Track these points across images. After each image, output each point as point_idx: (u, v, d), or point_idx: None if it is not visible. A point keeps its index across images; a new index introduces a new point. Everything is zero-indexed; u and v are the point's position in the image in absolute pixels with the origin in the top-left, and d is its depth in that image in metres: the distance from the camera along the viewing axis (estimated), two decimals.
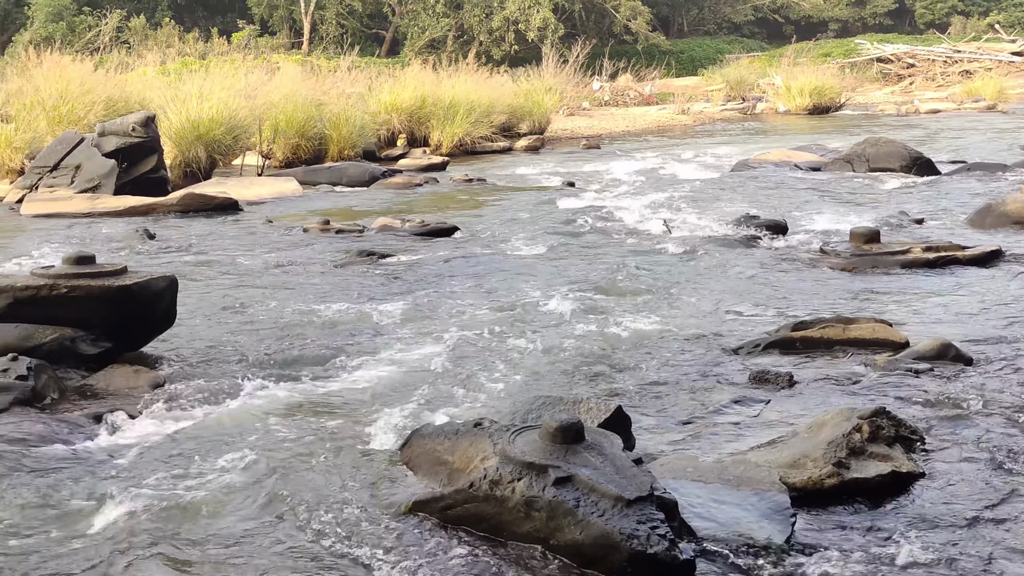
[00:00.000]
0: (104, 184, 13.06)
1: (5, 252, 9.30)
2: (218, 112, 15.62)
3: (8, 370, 4.88)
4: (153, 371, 5.42)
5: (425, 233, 10.19)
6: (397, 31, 43.08)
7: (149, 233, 10.21)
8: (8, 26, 42.85)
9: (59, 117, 16.12)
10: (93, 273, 5.59)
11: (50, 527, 3.43)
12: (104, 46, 33.29)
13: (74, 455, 4.18)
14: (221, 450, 4.17)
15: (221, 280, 8.01)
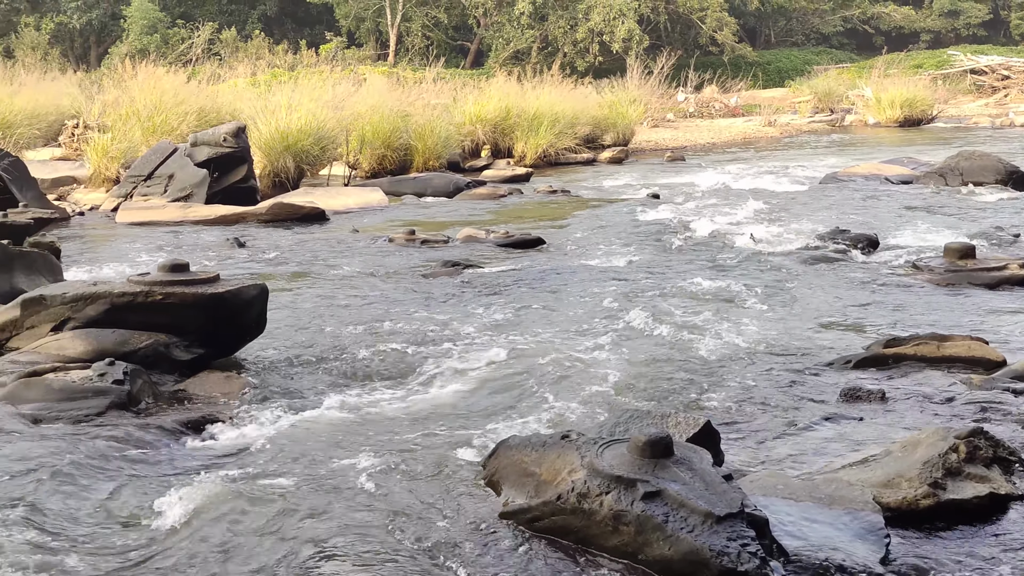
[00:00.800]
0: (196, 193, 13.34)
1: (102, 258, 9.55)
2: (306, 123, 15.85)
3: (105, 374, 4.99)
4: (244, 377, 5.50)
5: (509, 244, 10.21)
6: (482, 42, 43.35)
7: (239, 241, 10.39)
8: (105, 38, 44.09)
9: (153, 127, 16.50)
10: (187, 280, 5.70)
11: (142, 528, 3.50)
12: (196, 58, 34.02)
13: (167, 459, 4.26)
14: (309, 458, 4.22)
15: (309, 289, 8.12)
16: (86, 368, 5.10)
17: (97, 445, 4.28)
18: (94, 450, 4.22)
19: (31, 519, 3.47)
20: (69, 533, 3.42)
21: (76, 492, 3.78)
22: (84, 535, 3.41)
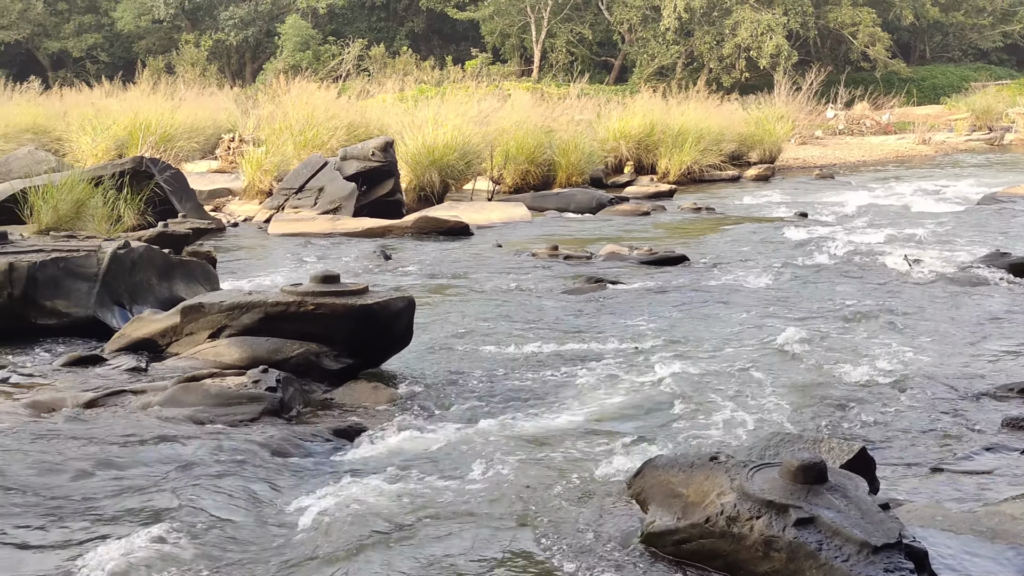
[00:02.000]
0: (344, 206, 13.65)
1: (255, 269, 9.84)
2: (452, 138, 16.07)
3: (259, 381, 5.12)
4: (391, 388, 5.58)
5: (653, 261, 10.13)
6: (626, 58, 43.27)
7: (386, 254, 10.58)
8: (259, 55, 45.62)
9: (305, 141, 16.97)
10: (337, 292, 5.81)
11: (293, 528, 3.57)
12: (346, 74, 34.89)
13: (317, 464, 4.34)
14: (454, 470, 4.25)
15: (453, 302, 8.20)
16: (241, 375, 5.25)
17: (251, 448, 4.40)
18: (248, 453, 4.34)
19: (190, 517, 3.58)
20: (226, 531, 3.52)
21: (231, 492, 3.88)
22: (239, 534, 3.50)
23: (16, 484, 3.88)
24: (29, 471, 4.01)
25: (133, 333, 6.11)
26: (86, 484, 3.92)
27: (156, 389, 5.13)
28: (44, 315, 6.60)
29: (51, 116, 21.32)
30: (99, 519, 3.60)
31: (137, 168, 11.88)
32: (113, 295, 6.91)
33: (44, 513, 3.64)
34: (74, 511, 3.67)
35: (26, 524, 3.55)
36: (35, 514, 3.63)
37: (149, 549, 3.29)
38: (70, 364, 5.74)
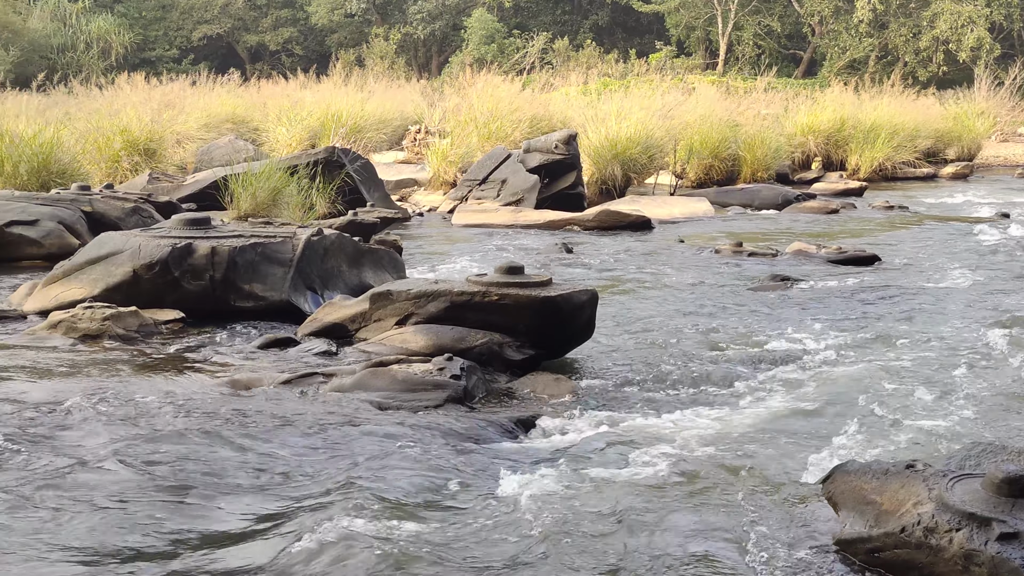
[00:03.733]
0: (526, 198, 13.75)
1: (439, 258, 10.02)
2: (635, 132, 15.97)
3: (444, 369, 5.21)
4: (572, 380, 5.58)
5: (842, 260, 9.82)
6: (816, 51, 42.11)
7: (567, 247, 10.61)
8: (446, 48, 46.47)
9: (489, 133, 17.17)
10: (521, 283, 5.85)
11: (477, 515, 3.61)
12: (530, 67, 35.16)
13: (500, 452, 4.38)
14: (636, 464, 4.21)
15: (634, 296, 8.15)
16: (426, 362, 5.35)
17: (436, 434, 4.48)
18: (433, 439, 4.42)
19: (377, 497, 3.67)
20: (413, 514, 3.59)
21: (418, 475, 3.96)
22: (426, 516, 3.56)
23: (216, 458, 4.05)
24: (227, 447, 4.19)
25: (324, 318, 6.31)
26: (280, 461, 4.06)
27: (346, 373, 5.28)
28: (242, 298, 6.88)
29: (249, 107, 22.27)
30: (293, 496, 3.73)
31: (329, 158, 12.27)
32: (306, 280, 7.14)
33: (243, 487, 3.79)
34: (269, 485, 3.81)
35: (229, 494, 3.71)
36: (236, 487, 3.78)
37: (340, 528, 3.37)
38: (266, 346, 5.98)
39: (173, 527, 3.42)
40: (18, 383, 5.08)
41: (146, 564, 3.15)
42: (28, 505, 3.52)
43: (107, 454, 4.04)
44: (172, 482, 3.79)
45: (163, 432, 4.33)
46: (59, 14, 44.82)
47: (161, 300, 6.74)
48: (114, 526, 3.39)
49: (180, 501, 3.63)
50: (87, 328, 6.15)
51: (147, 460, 3.99)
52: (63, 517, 3.43)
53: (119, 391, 4.93)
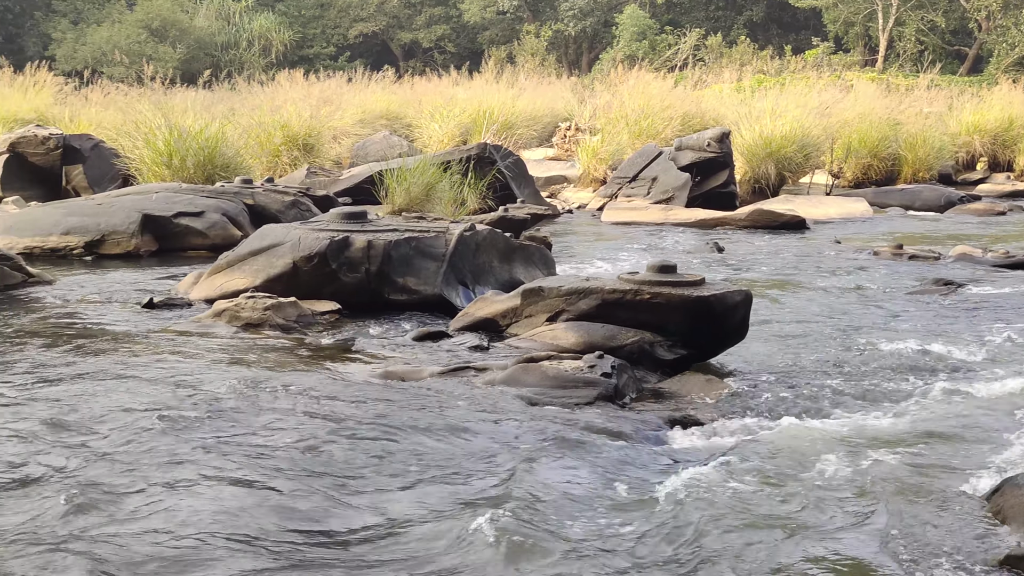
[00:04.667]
0: (677, 196, 13.62)
1: (588, 255, 10.01)
2: (790, 130, 15.64)
3: (595, 366, 5.20)
4: (724, 382, 5.50)
5: (1010, 265, 9.41)
6: (982, 48, 40.46)
7: (719, 246, 10.46)
8: (596, 45, 46.38)
9: (639, 131, 17.08)
10: (674, 282, 5.79)
11: (629, 513, 3.58)
12: (682, 64, 34.80)
13: (650, 452, 4.34)
14: (790, 469, 4.12)
15: (789, 298, 7.98)
16: (577, 359, 5.35)
17: (587, 431, 4.47)
18: (584, 435, 4.41)
19: (529, 491, 3.68)
20: (575, 509, 3.59)
21: (569, 470, 3.96)
22: (576, 513, 3.56)
23: (372, 448, 4.13)
24: (382, 437, 4.27)
25: (476, 312, 6.37)
26: (436, 452, 4.12)
27: (497, 367, 5.32)
28: (396, 291, 7.00)
29: (402, 103, 22.69)
30: (448, 488, 3.77)
31: (481, 154, 12.40)
32: (458, 275, 7.23)
33: (399, 478, 3.86)
34: (425, 477, 3.86)
35: (385, 484, 3.77)
36: (392, 477, 3.85)
37: (499, 522, 3.39)
38: (419, 339, 6.08)
39: (335, 514, 3.50)
40: (185, 367, 5.29)
41: (307, 551, 3.23)
42: (194, 483, 3.65)
43: (266, 439, 4.16)
44: (331, 469, 3.88)
45: (321, 420, 4.45)
46: (223, 13, 46.53)
47: (319, 291, 6.92)
48: (274, 508, 3.49)
49: (340, 488, 3.71)
50: (249, 317, 6.36)
51: (306, 447, 4.10)
52: (225, 496, 3.55)
53: (278, 379, 5.08)
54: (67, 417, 4.41)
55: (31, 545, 3.14)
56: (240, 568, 3.07)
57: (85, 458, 3.91)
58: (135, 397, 4.72)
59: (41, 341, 5.95)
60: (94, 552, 3.11)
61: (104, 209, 9.74)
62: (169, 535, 3.25)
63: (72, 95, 23.63)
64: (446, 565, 3.17)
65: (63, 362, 5.43)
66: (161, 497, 3.53)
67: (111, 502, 3.48)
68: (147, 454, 3.96)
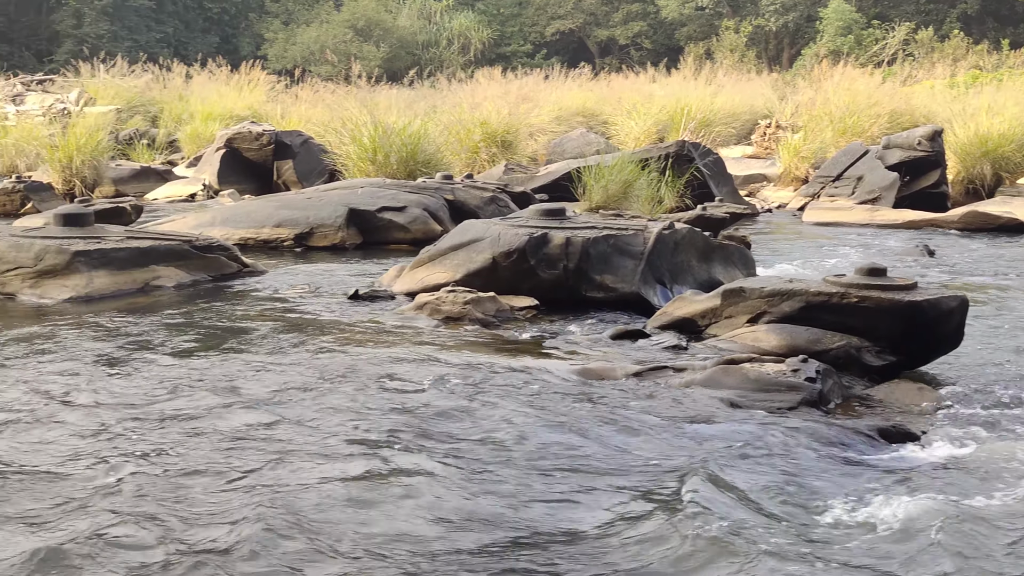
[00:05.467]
0: (884, 196, 13.13)
1: (788, 256, 9.75)
2: (1009, 128, 14.83)
3: (798, 371, 5.05)
4: (937, 391, 5.24)
5: None
6: None
7: (928, 249, 10.01)
8: (798, 40, 45.26)
9: (844, 128, 16.55)
10: (883, 286, 5.56)
11: (841, 528, 3.45)
12: (890, 59, 33.51)
13: (861, 462, 4.18)
14: (1006, 488, 3.88)
15: (1007, 305, 7.56)
16: (779, 362, 5.20)
17: (790, 437, 4.34)
18: (787, 441, 4.28)
19: (731, 493, 3.60)
20: (768, 517, 3.49)
21: (770, 478, 3.84)
22: (783, 524, 3.46)
23: (570, 444, 4.13)
24: (580, 434, 4.26)
25: (674, 312, 6.29)
26: (635, 452, 4.08)
27: (696, 368, 5.23)
28: (592, 288, 6.99)
29: (599, 100, 22.70)
30: (649, 488, 3.72)
31: (679, 152, 12.27)
32: (656, 274, 7.16)
33: (598, 476, 3.84)
34: (624, 477, 3.83)
35: (584, 482, 3.77)
36: (591, 475, 3.84)
37: (704, 528, 3.33)
38: (617, 337, 6.05)
39: (534, 509, 3.51)
40: (388, 359, 5.42)
41: (497, 550, 3.25)
42: (391, 470, 3.73)
43: (463, 432, 4.22)
44: (529, 464, 3.89)
45: (519, 414, 4.47)
46: (425, 12, 47.70)
47: (517, 287, 6.98)
48: (465, 502, 3.52)
49: (538, 483, 3.72)
50: (449, 311, 6.47)
51: (504, 440, 4.13)
52: (422, 487, 3.61)
53: (477, 373, 5.15)
54: (274, 404, 4.60)
55: (272, 532, 3.27)
56: (418, 566, 3.11)
57: (286, 449, 4.06)
58: (340, 386, 4.87)
59: (254, 328, 6.22)
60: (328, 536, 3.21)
61: (313, 203, 10.12)
62: (358, 525, 3.32)
63: (283, 93, 24.72)
64: (639, 567, 3.13)
65: (274, 349, 5.66)
66: (350, 487, 3.62)
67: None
68: (346, 443, 4.07)
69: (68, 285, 7.20)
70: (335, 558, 3.07)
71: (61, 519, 3.31)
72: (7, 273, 7.32)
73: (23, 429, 4.22)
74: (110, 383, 4.91)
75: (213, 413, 4.44)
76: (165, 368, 5.20)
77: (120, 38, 44.68)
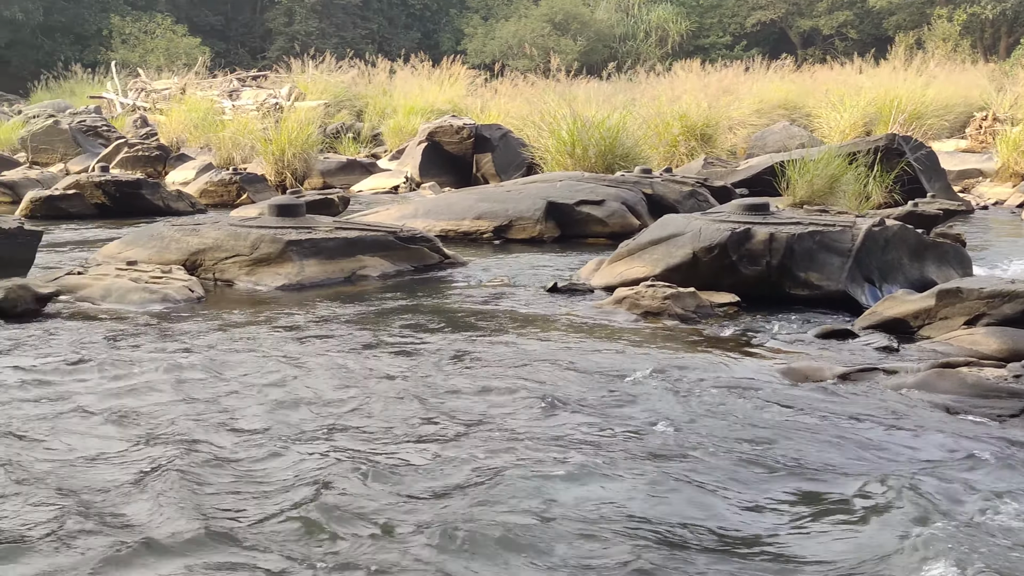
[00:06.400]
0: None
1: (1009, 255, 9.24)
2: None
3: (1021, 376, 4.77)
4: None
5: None
6: None
7: None
8: (1016, 28, 42.82)
9: None
10: None
11: None
12: None
13: None
14: None
15: None
16: (1000, 367, 4.93)
17: (1011, 447, 4.09)
18: (1008, 451, 4.04)
19: (946, 506, 3.42)
20: (992, 532, 3.31)
21: (989, 490, 3.63)
22: (1005, 540, 3.27)
23: (775, 445, 4.03)
24: (785, 435, 4.15)
25: (885, 312, 6.05)
26: (838, 453, 3.94)
27: (908, 371, 5.01)
28: (796, 285, 6.81)
29: (801, 92, 22.09)
30: (850, 490, 3.59)
31: (889, 145, 11.79)
32: (864, 272, 6.91)
33: (803, 480, 3.73)
34: (831, 482, 3.70)
35: (788, 487, 3.66)
36: (795, 478, 3.73)
37: (897, 534, 3.19)
38: (823, 336, 5.86)
39: (741, 513, 3.45)
40: (586, 352, 5.43)
41: (692, 546, 3.20)
42: (600, 465, 3.72)
43: (665, 424, 4.18)
44: (736, 464, 3.81)
45: (719, 411, 4.40)
46: (622, 5, 47.51)
47: (717, 283, 6.87)
48: (659, 496, 3.48)
49: (746, 484, 3.64)
50: (648, 305, 6.42)
51: (700, 438, 4.06)
52: (616, 482, 3.58)
53: (678, 367, 5.09)
54: (468, 394, 4.67)
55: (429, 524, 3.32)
56: (597, 557, 3.08)
57: (486, 437, 4.11)
58: (539, 375, 4.91)
59: (454, 318, 6.34)
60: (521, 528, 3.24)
61: (512, 196, 10.23)
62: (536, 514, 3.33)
63: (482, 87, 25.10)
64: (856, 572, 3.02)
65: (472, 339, 5.74)
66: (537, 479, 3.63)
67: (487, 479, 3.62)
68: (544, 436, 4.09)
69: (281, 273, 7.52)
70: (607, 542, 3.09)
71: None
72: (225, 260, 7.70)
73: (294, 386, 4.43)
74: (354, 363, 5.09)
75: (442, 397, 4.55)
76: (383, 351, 5.37)
77: (328, 35, 46.36)
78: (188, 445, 3.93)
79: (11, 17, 40.76)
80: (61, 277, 7.08)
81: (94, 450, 3.89)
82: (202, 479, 3.59)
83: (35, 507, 3.35)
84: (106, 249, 8.25)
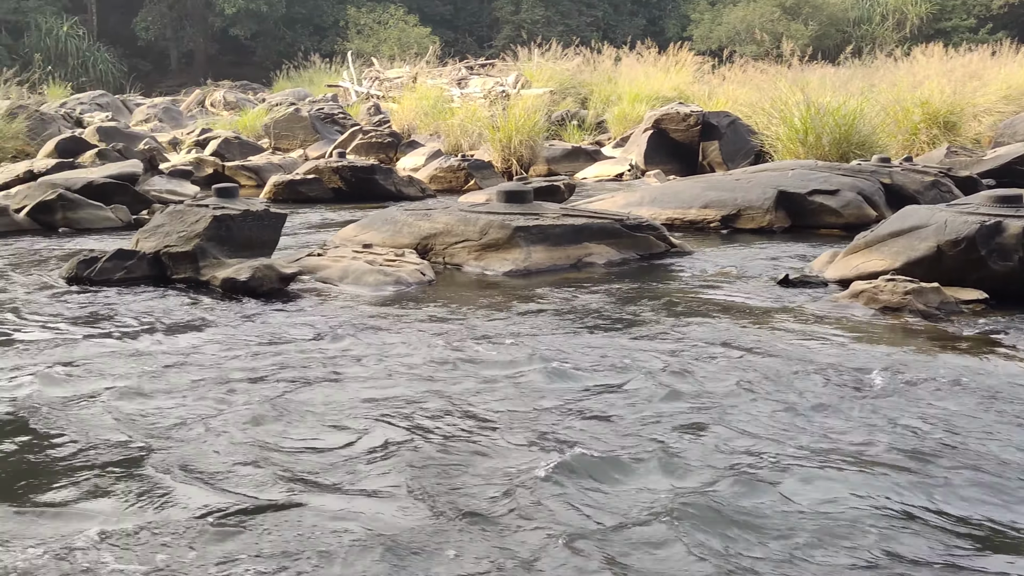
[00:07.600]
0: None
1: None
2: None
3: None
4: None
5: None
6: None
7: None
8: None
9: None
10: None
11: None
12: None
13: None
14: None
15: None
16: None
17: None
18: None
19: None
20: None
21: None
22: None
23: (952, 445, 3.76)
24: None
25: None
26: None
27: None
28: None
29: None
30: None
31: None
32: None
33: None
34: None
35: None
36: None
37: None
38: None
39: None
40: (820, 347, 5.23)
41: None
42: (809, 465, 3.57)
43: (911, 432, 3.96)
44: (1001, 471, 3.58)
45: (959, 416, 4.14)
46: None
47: (962, 279, 6.49)
48: (878, 500, 3.30)
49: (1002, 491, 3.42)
50: (887, 300, 6.13)
51: (926, 444, 3.83)
52: (801, 486, 3.42)
53: (924, 366, 4.83)
54: (685, 387, 4.56)
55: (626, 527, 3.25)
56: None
57: (734, 427, 4.01)
58: (775, 370, 4.76)
59: (680, 309, 6.24)
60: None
61: (741, 185, 9.99)
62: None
63: (708, 74, 24.69)
64: None
65: (702, 328, 5.63)
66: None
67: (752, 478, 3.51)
68: (791, 434, 3.96)
69: (508, 258, 7.59)
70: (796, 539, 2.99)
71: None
72: (455, 245, 7.84)
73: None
74: (601, 351, 5.11)
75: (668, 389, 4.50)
76: (612, 338, 5.34)
77: (553, 23, 46.75)
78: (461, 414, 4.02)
79: (256, 9, 43.16)
80: (302, 258, 7.40)
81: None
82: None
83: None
84: (343, 232, 8.56)
